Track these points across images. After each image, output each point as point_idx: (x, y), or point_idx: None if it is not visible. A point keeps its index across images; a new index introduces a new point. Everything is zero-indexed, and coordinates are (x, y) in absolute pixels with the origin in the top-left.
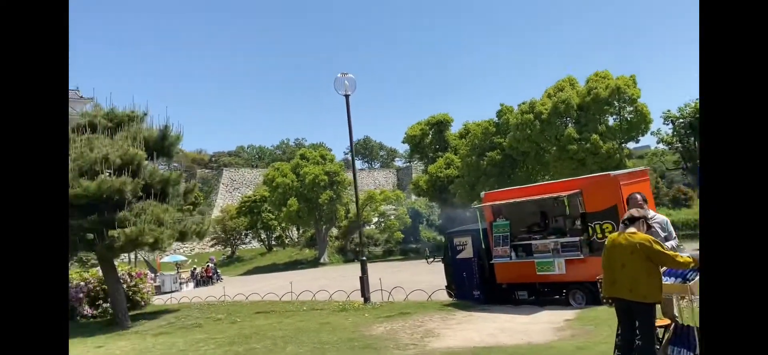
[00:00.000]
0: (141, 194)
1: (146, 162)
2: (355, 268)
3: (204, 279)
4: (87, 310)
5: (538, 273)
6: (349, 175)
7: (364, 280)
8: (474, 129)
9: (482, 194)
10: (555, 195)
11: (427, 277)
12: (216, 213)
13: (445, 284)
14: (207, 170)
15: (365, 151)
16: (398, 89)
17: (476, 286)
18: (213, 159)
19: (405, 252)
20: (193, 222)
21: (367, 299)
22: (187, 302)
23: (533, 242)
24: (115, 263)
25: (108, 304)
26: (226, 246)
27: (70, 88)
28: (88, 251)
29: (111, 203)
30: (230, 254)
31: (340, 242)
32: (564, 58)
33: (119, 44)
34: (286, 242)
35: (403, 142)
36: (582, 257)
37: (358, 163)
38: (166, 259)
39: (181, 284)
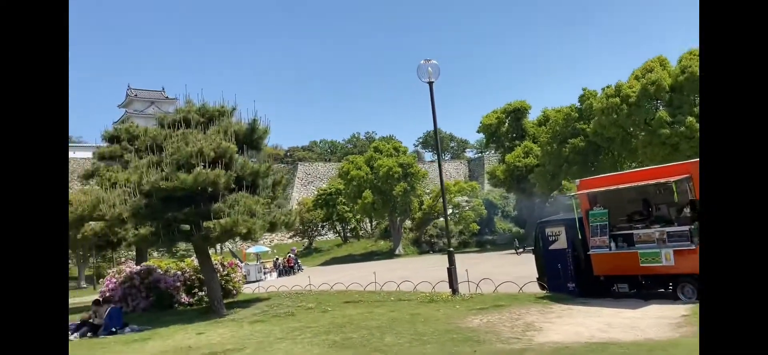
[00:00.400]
0: (233, 186)
1: (237, 155)
2: (431, 259)
3: (286, 269)
4: (184, 298)
5: (641, 265)
6: (423, 167)
7: (452, 271)
8: (554, 116)
9: (576, 181)
10: (659, 181)
11: (514, 268)
12: (293, 206)
13: (537, 275)
14: (282, 165)
15: (434, 142)
16: (467, 78)
17: (571, 278)
18: (288, 154)
19: (481, 244)
20: (282, 213)
21: (455, 291)
22: (274, 290)
23: (635, 231)
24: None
25: (203, 292)
26: (304, 238)
27: (155, 88)
28: (185, 241)
29: (205, 195)
30: (308, 245)
31: (415, 234)
32: (650, 40)
33: (201, 44)
34: (361, 233)
35: (478, 131)
36: (693, 247)
37: (427, 156)
38: (250, 250)
39: (265, 273)
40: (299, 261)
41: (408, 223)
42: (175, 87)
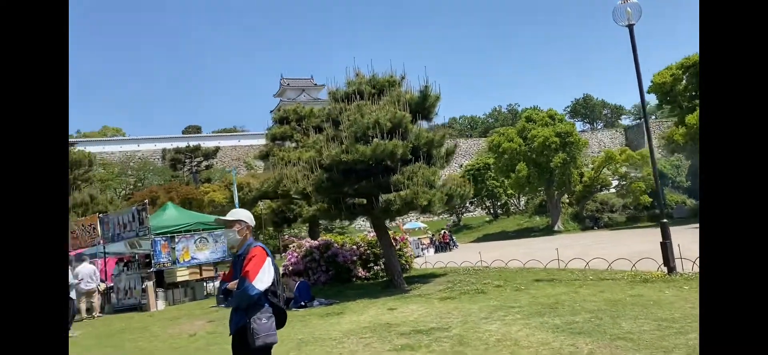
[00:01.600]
0: (410, 156)
1: (411, 125)
2: (597, 235)
3: (442, 245)
4: (360, 272)
5: None
6: (585, 136)
7: (667, 246)
8: None
9: None
10: None
11: None
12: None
13: None
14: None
15: (585, 110)
16: (621, 38)
17: None
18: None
19: (654, 218)
20: (458, 185)
21: (672, 269)
22: (441, 266)
23: None
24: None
25: (378, 267)
26: (451, 214)
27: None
28: (364, 215)
29: (382, 168)
30: (456, 223)
31: (574, 209)
32: None
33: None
34: (511, 209)
35: (649, 91)
36: None
37: (579, 125)
38: (407, 225)
39: (422, 249)
40: (454, 238)
41: (564, 197)
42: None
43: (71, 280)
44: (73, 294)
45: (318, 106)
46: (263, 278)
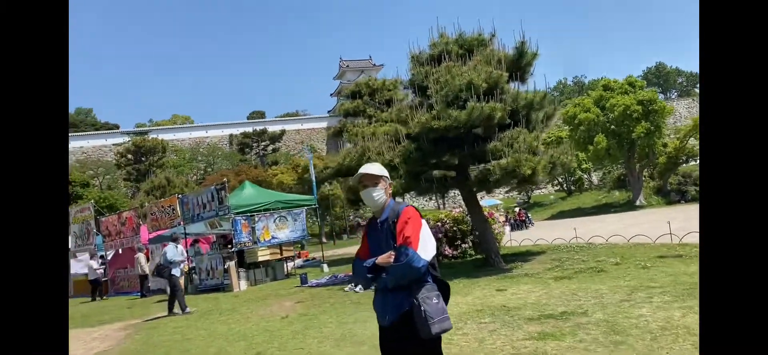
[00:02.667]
0: (508, 120)
1: (508, 85)
2: (687, 209)
3: (517, 223)
4: (447, 250)
5: None
6: (671, 104)
7: None
8: None
9: None
10: None
11: None
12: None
13: None
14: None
15: (658, 79)
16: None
17: None
18: None
19: None
20: (560, 152)
21: None
22: (529, 244)
23: None
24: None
25: (466, 245)
26: (520, 192)
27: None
28: (456, 188)
29: (473, 135)
30: (526, 200)
31: (656, 183)
32: None
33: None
34: (585, 185)
35: None
36: None
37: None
38: (483, 202)
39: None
40: (529, 215)
41: (645, 171)
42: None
43: (178, 257)
44: (177, 271)
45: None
46: (427, 246)
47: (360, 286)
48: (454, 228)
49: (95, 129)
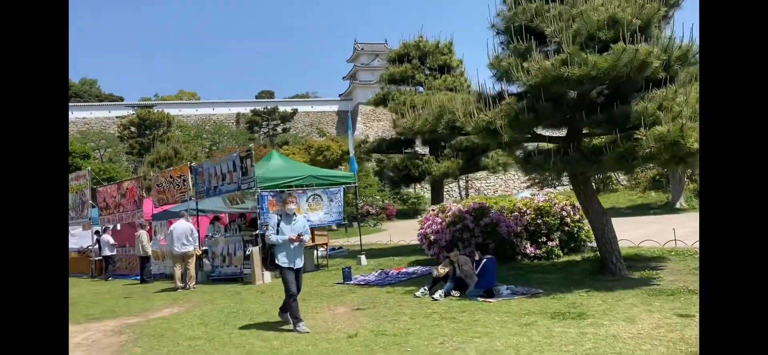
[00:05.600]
0: (662, 74)
1: (658, 29)
2: None
3: None
4: (528, 248)
5: None
6: None
7: None
8: None
9: None
10: None
11: None
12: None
13: None
14: None
15: None
16: None
17: None
18: None
19: None
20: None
21: None
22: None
23: None
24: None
25: (552, 242)
26: (541, 186)
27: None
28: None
29: (604, 95)
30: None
31: (696, 184)
32: None
33: None
34: (614, 184)
35: None
36: None
37: None
38: (519, 195)
39: None
40: None
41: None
42: (395, 38)
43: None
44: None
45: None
46: None
47: (440, 291)
48: (538, 221)
49: (99, 101)
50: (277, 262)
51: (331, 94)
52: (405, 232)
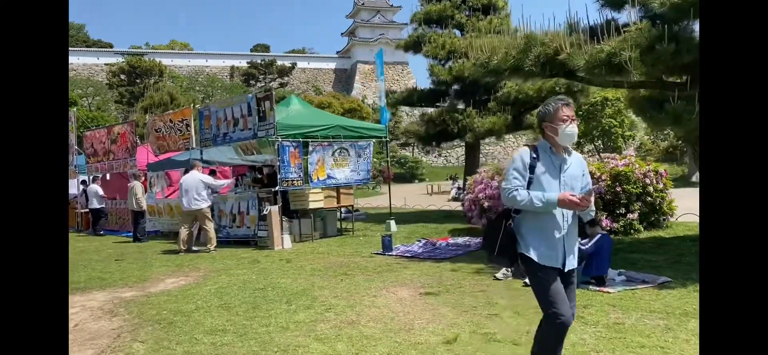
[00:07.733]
0: None
1: None
2: None
3: None
4: (605, 221)
5: None
6: None
7: None
8: None
9: None
10: None
11: None
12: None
13: None
14: None
15: None
16: None
17: None
18: None
19: None
20: None
21: None
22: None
23: None
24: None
25: (632, 215)
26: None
27: None
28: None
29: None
30: None
31: None
32: None
33: None
34: (623, 152)
35: None
36: None
37: None
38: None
39: None
40: None
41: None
42: None
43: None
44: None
45: (392, 30)
46: None
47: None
48: (616, 188)
49: (87, 46)
50: (524, 253)
51: (328, 50)
52: (408, 196)
